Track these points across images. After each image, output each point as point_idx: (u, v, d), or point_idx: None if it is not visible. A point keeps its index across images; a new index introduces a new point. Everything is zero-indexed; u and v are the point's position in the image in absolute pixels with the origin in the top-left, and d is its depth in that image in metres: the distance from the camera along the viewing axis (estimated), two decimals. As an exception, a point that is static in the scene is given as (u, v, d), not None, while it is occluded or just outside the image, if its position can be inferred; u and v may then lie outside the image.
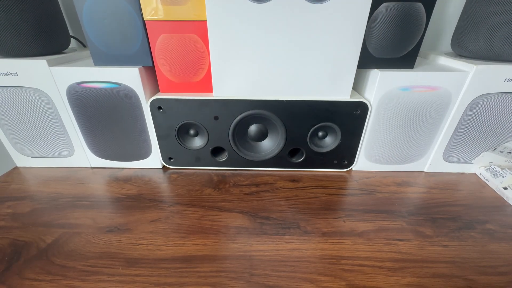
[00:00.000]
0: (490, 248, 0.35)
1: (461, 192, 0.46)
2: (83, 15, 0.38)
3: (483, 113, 0.43)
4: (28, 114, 0.45)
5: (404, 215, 0.40)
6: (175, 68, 0.42)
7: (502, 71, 0.40)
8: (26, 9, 0.40)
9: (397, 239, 0.36)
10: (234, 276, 0.31)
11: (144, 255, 0.33)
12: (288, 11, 0.36)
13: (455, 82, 0.41)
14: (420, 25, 0.39)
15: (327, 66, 0.40)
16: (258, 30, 0.37)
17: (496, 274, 0.31)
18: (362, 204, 0.42)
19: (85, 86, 0.42)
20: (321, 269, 0.32)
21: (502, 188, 0.44)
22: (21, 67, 0.41)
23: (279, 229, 0.37)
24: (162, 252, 0.34)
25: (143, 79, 0.42)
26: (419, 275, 0.31)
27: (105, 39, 0.40)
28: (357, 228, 0.38)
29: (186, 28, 0.39)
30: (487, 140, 0.46)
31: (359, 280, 0.30)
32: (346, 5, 0.36)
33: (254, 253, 0.34)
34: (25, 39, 0.41)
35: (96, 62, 0.42)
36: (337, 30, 0.37)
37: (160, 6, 0.37)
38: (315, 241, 0.35)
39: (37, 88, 0.43)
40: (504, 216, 0.40)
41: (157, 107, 0.44)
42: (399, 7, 0.38)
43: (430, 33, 0.59)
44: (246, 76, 0.42)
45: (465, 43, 0.43)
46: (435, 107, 0.43)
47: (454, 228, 0.38)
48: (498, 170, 0.47)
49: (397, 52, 0.41)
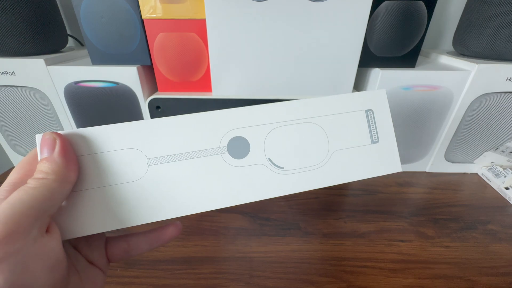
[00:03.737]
0: (492, 248, 0.34)
1: (463, 193, 0.45)
2: (80, 14, 0.38)
3: (485, 113, 0.43)
4: (26, 113, 0.45)
5: (406, 215, 0.40)
6: (174, 67, 0.42)
7: (504, 70, 0.39)
8: (24, 7, 0.39)
9: (399, 240, 0.35)
10: (234, 277, 0.30)
11: (143, 257, 0.33)
12: (288, 9, 0.36)
13: (456, 81, 0.41)
14: (421, 23, 0.38)
15: (328, 65, 0.40)
16: (258, 28, 0.37)
17: (498, 275, 0.31)
18: (363, 205, 0.42)
19: (82, 85, 0.42)
20: (322, 270, 0.31)
21: (504, 188, 0.44)
22: (18, 66, 0.41)
23: (279, 230, 0.37)
24: (160, 253, 0.33)
25: (141, 78, 0.42)
26: (421, 276, 0.31)
27: (103, 38, 0.40)
28: (358, 229, 0.37)
29: (185, 26, 0.38)
30: (489, 140, 0.46)
31: (361, 282, 0.30)
32: (347, 4, 0.35)
33: (254, 255, 0.33)
34: (23, 38, 0.41)
35: (94, 61, 0.42)
36: (337, 29, 0.37)
37: (158, 4, 0.37)
38: (316, 242, 0.35)
39: (34, 87, 0.42)
40: (506, 217, 0.40)
41: (155, 106, 0.43)
42: (400, 6, 0.37)
43: (431, 32, 0.59)
44: (245, 75, 0.41)
45: (467, 42, 0.43)
46: (436, 107, 0.43)
47: (456, 229, 0.37)
48: (500, 170, 0.47)
49: (399, 51, 0.41)
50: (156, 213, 0.19)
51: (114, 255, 0.20)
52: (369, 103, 0.23)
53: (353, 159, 0.22)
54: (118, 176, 0.19)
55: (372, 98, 0.23)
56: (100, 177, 0.19)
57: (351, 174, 0.22)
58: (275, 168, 0.21)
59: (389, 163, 0.23)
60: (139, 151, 0.19)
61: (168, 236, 0.21)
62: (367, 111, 0.23)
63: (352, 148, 0.22)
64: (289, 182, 0.22)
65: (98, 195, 0.19)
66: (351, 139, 0.22)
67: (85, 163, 0.18)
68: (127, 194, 0.19)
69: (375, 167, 0.23)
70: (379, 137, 0.23)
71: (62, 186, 0.16)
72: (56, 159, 0.16)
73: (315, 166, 0.22)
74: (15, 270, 0.13)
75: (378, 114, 0.23)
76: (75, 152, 0.18)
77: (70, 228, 0.18)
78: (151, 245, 0.21)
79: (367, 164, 0.23)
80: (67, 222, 0.18)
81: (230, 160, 0.21)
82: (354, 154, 0.22)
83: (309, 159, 0.22)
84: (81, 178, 0.18)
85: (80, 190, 0.18)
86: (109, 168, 0.19)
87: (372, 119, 0.23)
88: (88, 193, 0.18)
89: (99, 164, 0.19)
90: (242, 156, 0.21)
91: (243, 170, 0.21)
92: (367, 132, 0.23)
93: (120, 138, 0.19)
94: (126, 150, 0.19)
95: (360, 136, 0.23)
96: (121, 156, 0.19)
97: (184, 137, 0.20)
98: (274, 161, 0.21)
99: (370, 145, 0.23)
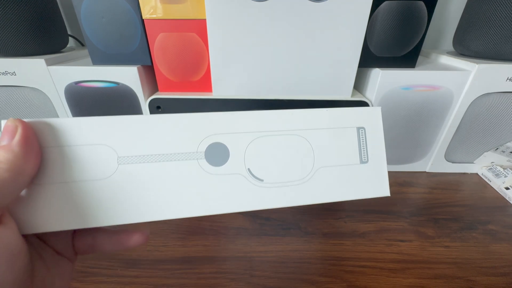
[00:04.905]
0: (492, 248, 0.34)
1: (463, 193, 0.45)
2: (81, 14, 0.38)
3: (485, 113, 0.43)
4: (26, 113, 0.45)
5: (406, 215, 0.40)
6: (174, 67, 0.42)
7: (504, 70, 0.39)
8: (24, 7, 0.39)
9: (399, 240, 0.35)
10: (234, 277, 0.30)
11: (143, 256, 0.33)
12: (288, 9, 0.36)
13: (457, 81, 0.41)
14: (421, 23, 0.39)
15: (328, 65, 0.40)
16: (258, 28, 0.37)
17: (498, 275, 0.31)
18: (363, 205, 0.42)
19: (83, 86, 0.42)
20: (322, 270, 0.31)
21: (504, 188, 0.44)
22: (19, 66, 0.41)
23: (279, 230, 0.37)
24: (161, 253, 0.33)
25: (142, 78, 0.42)
26: (421, 276, 0.31)
27: (103, 38, 0.40)
28: (358, 229, 0.37)
29: (185, 26, 0.38)
30: (489, 140, 0.46)
31: (360, 282, 0.30)
32: (347, 4, 0.35)
33: (254, 254, 0.33)
34: (23, 38, 0.41)
35: (94, 61, 0.42)
36: (338, 29, 0.37)
37: (159, 4, 0.37)
38: (316, 242, 0.35)
39: (35, 87, 0.42)
40: (506, 217, 0.40)
41: (155, 106, 0.43)
42: (400, 6, 0.37)
43: (431, 32, 0.59)
44: (246, 75, 0.41)
45: (467, 42, 0.43)
46: (436, 107, 0.43)
47: (456, 229, 0.37)
48: (500, 170, 0.47)
49: (399, 51, 0.41)
50: (122, 216, 0.18)
51: (81, 248, 0.20)
52: (362, 120, 0.22)
53: (338, 178, 0.21)
54: (85, 172, 0.18)
55: (365, 116, 0.22)
56: (65, 171, 0.17)
57: (335, 194, 0.21)
58: (254, 180, 0.20)
59: (377, 186, 0.22)
60: (110, 148, 0.18)
61: (133, 243, 0.20)
62: (358, 129, 0.22)
63: (338, 166, 0.21)
64: (267, 196, 0.20)
65: (61, 191, 0.17)
66: (338, 157, 0.21)
67: (51, 156, 0.17)
68: (92, 192, 0.18)
69: (362, 188, 0.22)
70: (368, 157, 0.22)
71: (16, 177, 0.15)
72: (14, 148, 0.15)
73: (297, 181, 0.20)
74: None
75: (370, 132, 0.22)
76: (40, 143, 0.17)
77: (28, 222, 0.17)
78: (114, 247, 0.20)
79: (353, 185, 0.21)
80: (26, 215, 0.17)
81: (206, 167, 0.19)
82: (340, 173, 0.21)
83: (291, 174, 0.20)
84: (44, 171, 0.17)
85: (42, 184, 0.17)
86: (76, 163, 0.18)
87: (363, 137, 0.22)
88: (51, 188, 0.17)
89: (66, 158, 0.17)
90: (220, 164, 0.20)
91: (220, 178, 0.19)
92: (357, 150, 0.22)
93: (91, 132, 0.18)
94: (96, 145, 0.18)
95: (349, 154, 0.21)
96: (90, 152, 0.18)
97: (160, 137, 0.19)
98: (253, 172, 0.20)
99: (358, 164, 0.21)
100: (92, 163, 0.18)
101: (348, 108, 0.22)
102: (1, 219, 0.15)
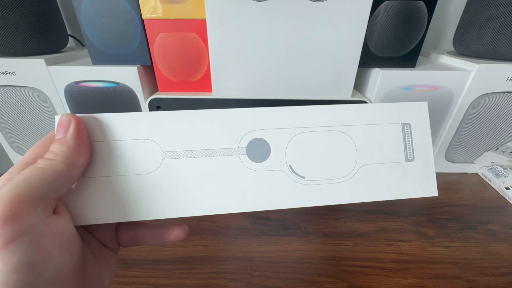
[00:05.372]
0: (492, 248, 0.34)
1: (463, 193, 0.45)
2: (81, 14, 0.38)
3: (485, 113, 0.43)
4: (26, 113, 0.45)
5: (406, 215, 0.40)
6: (174, 67, 0.42)
7: (504, 70, 0.39)
8: (24, 7, 0.39)
9: (399, 240, 0.35)
10: (234, 277, 0.30)
11: (143, 256, 0.33)
12: (288, 9, 0.36)
13: (457, 81, 0.41)
14: (421, 23, 0.38)
15: (328, 65, 0.40)
16: (258, 28, 0.37)
17: (498, 275, 0.31)
18: (363, 205, 0.42)
19: (83, 86, 0.42)
20: (322, 270, 0.31)
21: (504, 188, 0.44)
22: (19, 66, 0.41)
23: (279, 230, 0.37)
24: (161, 253, 0.33)
25: (142, 78, 0.42)
26: (421, 276, 0.31)
27: (103, 38, 0.40)
28: (358, 229, 0.37)
29: (185, 26, 0.38)
30: (489, 140, 0.46)
31: (361, 282, 0.30)
32: (347, 3, 0.35)
33: (254, 254, 0.33)
34: (23, 38, 0.41)
35: (94, 61, 0.42)
36: (338, 29, 0.37)
37: (159, 4, 0.37)
38: (316, 242, 0.35)
39: (35, 87, 0.42)
40: (506, 217, 0.40)
41: (155, 106, 0.43)
42: (400, 5, 0.37)
43: (431, 32, 0.59)
44: (246, 75, 0.41)
45: (467, 42, 0.43)
46: (436, 107, 0.43)
47: (456, 229, 0.37)
48: (500, 170, 0.47)
49: (399, 50, 0.41)
50: (166, 210, 0.18)
51: (123, 241, 0.20)
52: (408, 116, 0.20)
53: (382, 176, 0.20)
54: (130, 166, 0.18)
55: (411, 111, 0.21)
56: (112, 165, 0.18)
57: (378, 193, 0.20)
58: (296, 177, 0.20)
59: (424, 185, 0.21)
60: (155, 143, 0.18)
61: (173, 238, 0.20)
62: (403, 125, 0.20)
63: (382, 164, 0.20)
64: (309, 194, 0.20)
65: (108, 184, 0.18)
66: (382, 154, 0.20)
67: (99, 149, 0.18)
68: (138, 186, 0.18)
69: (407, 188, 0.20)
70: (414, 155, 0.21)
71: (70, 169, 0.16)
72: (68, 141, 0.16)
73: (340, 179, 0.20)
74: (29, 249, 0.13)
75: (416, 129, 0.20)
76: (90, 137, 0.18)
77: (79, 214, 0.18)
78: (155, 241, 0.21)
79: (398, 184, 0.20)
80: (77, 208, 0.18)
81: (247, 163, 0.19)
82: (385, 171, 0.20)
83: (333, 171, 0.20)
84: (93, 164, 0.18)
85: (91, 177, 0.18)
86: (123, 157, 0.18)
87: (409, 134, 0.20)
88: (98, 181, 0.18)
89: (113, 152, 0.18)
90: (261, 160, 0.19)
91: (261, 174, 0.19)
92: (402, 148, 0.20)
93: (137, 128, 0.18)
94: (141, 140, 0.18)
95: (393, 151, 0.20)
96: (136, 146, 0.18)
97: (202, 133, 0.19)
98: (295, 169, 0.20)
99: (403, 162, 0.20)
100: (137, 157, 0.18)
101: (393, 103, 0.21)
102: (57, 210, 0.16)
